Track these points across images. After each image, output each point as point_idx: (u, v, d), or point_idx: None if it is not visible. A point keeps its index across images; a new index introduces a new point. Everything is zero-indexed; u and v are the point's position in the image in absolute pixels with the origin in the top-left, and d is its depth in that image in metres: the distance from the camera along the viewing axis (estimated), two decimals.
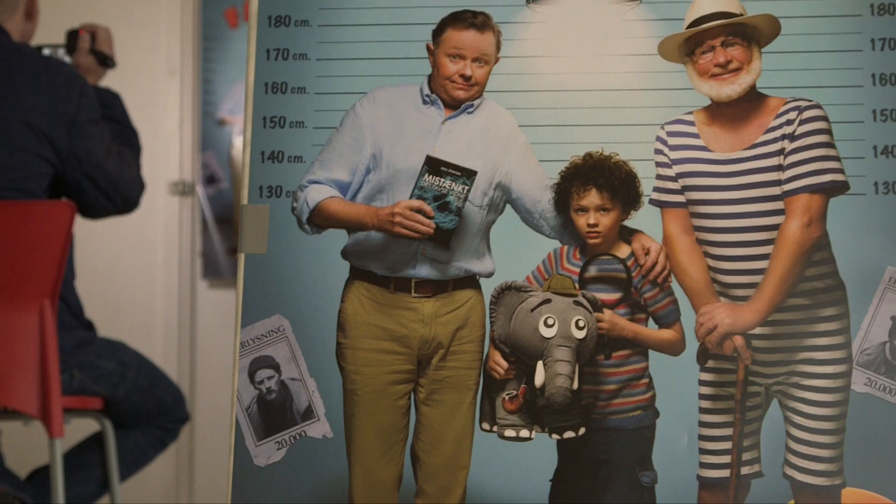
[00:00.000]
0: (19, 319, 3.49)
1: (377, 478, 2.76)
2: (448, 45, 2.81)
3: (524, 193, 2.79)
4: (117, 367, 3.89)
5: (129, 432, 4.07)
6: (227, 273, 5.83)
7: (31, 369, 3.49)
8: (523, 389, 2.74)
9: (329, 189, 2.81)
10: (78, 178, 3.66)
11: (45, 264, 3.50)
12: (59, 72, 3.71)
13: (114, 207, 3.83)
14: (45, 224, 3.52)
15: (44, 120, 3.60)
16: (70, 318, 3.83)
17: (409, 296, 2.79)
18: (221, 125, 5.89)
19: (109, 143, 3.74)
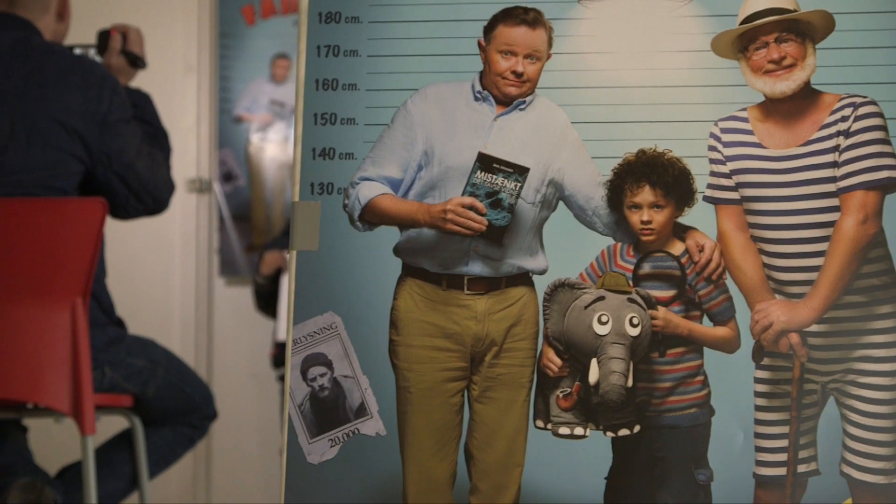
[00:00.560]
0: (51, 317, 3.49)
1: (431, 476, 2.75)
2: (499, 41, 2.81)
3: (577, 190, 2.78)
4: (147, 365, 3.89)
5: (158, 430, 4.07)
6: (244, 270, 5.83)
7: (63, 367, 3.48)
8: (577, 387, 2.73)
9: (381, 186, 2.81)
10: (108, 177, 3.65)
11: (78, 262, 3.49)
12: (91, 71, 3.70)
13: (143, 208, 3.83)
14: (78, 221, 3.51)
15: (76, 118, 3.59)
16: (101, 315, 3.82)
17: (461, 293, 2.78)
18: (238, 122, 5.88)
19: (140, 144, 3.74)
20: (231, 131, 5.74)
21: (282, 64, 5.74)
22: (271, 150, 5.73)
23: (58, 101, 3.56)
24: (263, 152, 5.72)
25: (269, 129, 5.74)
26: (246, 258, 5.69)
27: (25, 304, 3.41)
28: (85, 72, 3.67)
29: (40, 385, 3.45)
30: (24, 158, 3.54)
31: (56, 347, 3.44)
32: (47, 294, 3.43)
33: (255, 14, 5.80)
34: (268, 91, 5.78)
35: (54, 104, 3.55)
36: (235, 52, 5.82)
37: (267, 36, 5.80)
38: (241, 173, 5.71)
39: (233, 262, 5.71)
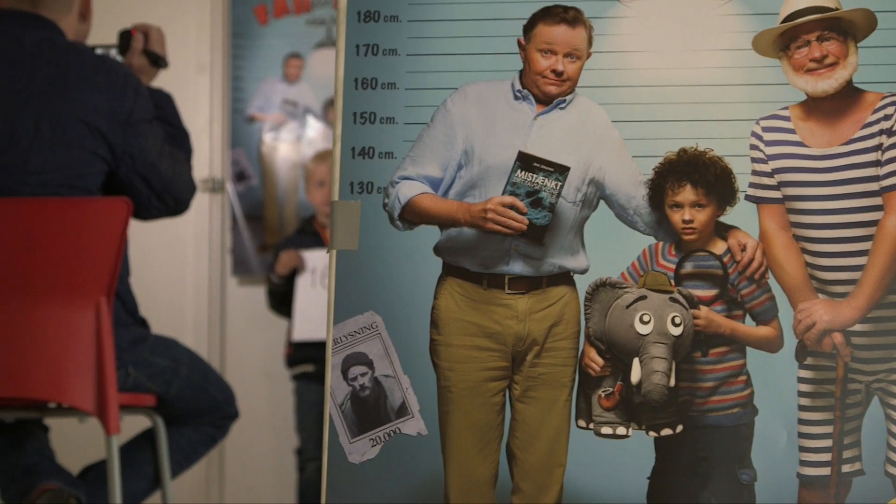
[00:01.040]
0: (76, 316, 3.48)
1: (473, 475, 2.75)
2: (539, 40, 2.80)
3: (618, 189, 2.77)
4: (170, 364, 3.88)
5: (181, 429, 4.06)
6: (257, 270, 5.82)
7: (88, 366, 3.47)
8: (619, 386, 2.73)
9: (420, 185, 2.80)
10: (131, 177, 3.64)
11: (102, 261, 3.48)
12: (114, 70, 3.69)
13: (165, 208, 3.82)
14: (102, 221, 3.50)
15: (100, 118, 3.58)
16: (125, 315, 3.81)
17: (502, 292, 2.77)
18: (251, 122, 5.87)
19: (162, 144, 3.73)
20: (244, 131, 5.73)
21: (294, 63, 5.73)
22: (284, 149, 5.72)
23: (82, 101, 3.54)
24: (276, 152, 5.71)
25: (282, 129, 5.73)
26: (259, 258, 5.68)
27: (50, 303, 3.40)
28: (109, 72, 3.66)
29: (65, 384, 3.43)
30: (49, 158, 3.53)
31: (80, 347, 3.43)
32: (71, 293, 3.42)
33: (267, 14, 5.79)
34: (280, 91, 5.77)
35: (78, 104, 3.54)
36: (248, 52, 5.81)
37: (280, 35, 5.80)
38: (253, 173, 5.70)
39: (245, 262, 5.70)
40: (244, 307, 5.87)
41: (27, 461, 3.77)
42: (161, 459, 3.93)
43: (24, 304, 3.44)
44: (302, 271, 4.99)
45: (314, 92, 5.78)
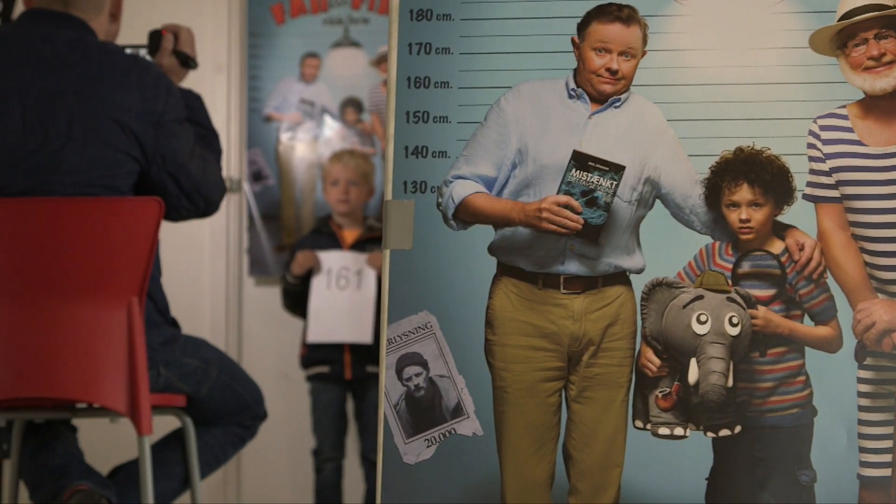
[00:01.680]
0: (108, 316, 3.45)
1: (529, 476, 2.73)
2: (593, 38, 2.79)
3: (674, 188, 2.76)
4: (201, 365, 3.86)
5: (210, 429, 4.04)
6: (274, 270, 5.79)
7: (120, 367, 3.45)
8: (677, 387, 2.72)
9: (474, 184, 2.79)
10: (162, 177, 3.62)
11: (134, 261, 3.46)
12: (146, 70, 3.67)
13: (195, 209, 3.80)
14: (134, 221, 3.48)
15: (132, 118, 3.56)
16: (157, 315, 3.79)
17: (557, 292, 2.76)
18: (268, 121, 5.85)
19: (193, 145, 3.71)
20: (261, 131, 5.71)
21: (311, 63, 5.71)
22: (301, 149, 5.70)
23: (114, 101, 3.52)
24: (293, 152, 5.69)
25: (299, 129, 5.71)
26: (275, 258, 5.66)
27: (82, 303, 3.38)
28: (141, 72, 3.64)
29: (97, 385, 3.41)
30: (82, 158, 3.51)
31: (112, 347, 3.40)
32: (103, 293, 3.40)
33: (284, 13, 5.77)
34: (297, 90, 5.75)
35: (111, 104, 3.52)
36: (265, 52, 5.79)
37: (296, 35, 5.78)
38: (270, 173, 5.67)
39: (262, 262, 5.67)
40: (261, 307, 5.85)
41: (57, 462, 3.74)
42: (190, 460, 3.91)
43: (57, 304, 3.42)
44: (317, 272, 4.96)
45: (331, 92, 5.76)
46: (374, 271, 4.98)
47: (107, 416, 3.63)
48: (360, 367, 5.00)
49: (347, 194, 5.11)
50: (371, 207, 5.36)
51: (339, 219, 5.18)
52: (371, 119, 5.73)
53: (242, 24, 5.88)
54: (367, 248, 5.06)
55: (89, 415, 3.65)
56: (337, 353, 5.03)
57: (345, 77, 5.81)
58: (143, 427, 3.48)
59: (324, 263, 5.06)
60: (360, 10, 5.86)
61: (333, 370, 5.05)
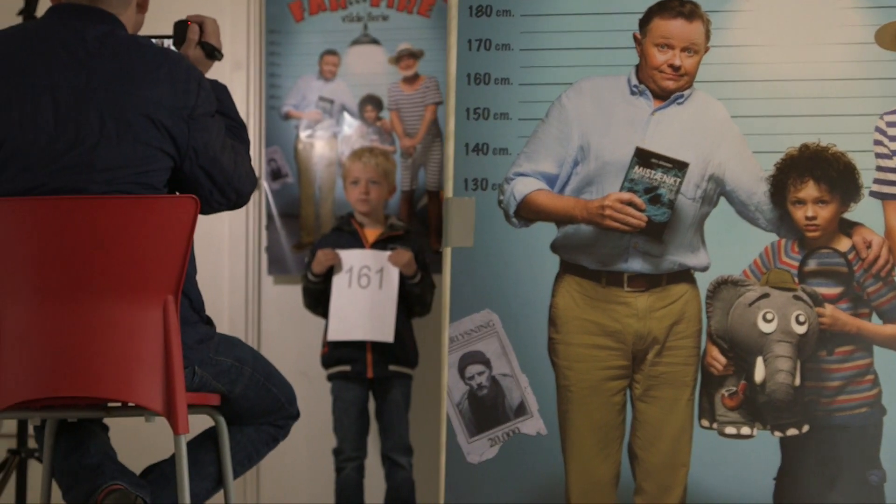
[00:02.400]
0: (143, 315, 3.41)
1: (594, 475, 2.71)
2: (656, 34, 2.76)
3: (738, 185, 2.74)
4: (235, 364, 3.82)
5: (243, 429, 4.00)
6: (293, 269, 5.74)
7: (156, 366, 3.40)
8: (743, 386, 2.69)
9: (536, 181, 2.76)
10: (195, 172, 3.57)
11: (169, 259, 3.41)
12: (177, 64, 3.62)
13: (227, 202, 3.74)
14: (170, 218, 3.43)
15: (165, 113, 3.51)
16: (192, 313, 3.74)
17: (621, 290, 2.73)
18: (287, 119, 5.80)
19: (224, 138, 3.67)
20: (279, 128, 5.65)
21: (330, 61, 5.66)
22: (320, 147, 5.65)
23: (146, 96, 3.47)
24: (312, 149, 5.64)
25: (318, 127, 5.66)
26: (294, 256, 5.61)
27: (117, 302, 3.32)
28: (172, 66, 3.58)
29: (133, 384, 3.36)
30: (116, 154, 3.45)
31: (148, 346, 3.35)
32: (139, 292, 3.35)
33: (303, 10, 5.71)
34: (316, 88, 5.70)
35: (143, 99, 3.46)
36: (283, 49, 5.73)
37: (315, 32, 5.72)
38: (289, 171, 5.62)
39: (281, 261, 5.62)
40: (279, 306, 5.79)
41: (90, 461, 3.70)
42: (224, 459, 3.86)
43: (92, 302, 3.37)
44: (338, 270, 4.92)
45: (350, 89, 5.71)
46: (395, 270, 4.94)
47: (141, 415, 3.59)
48: (381, 365, 4.95)
49: (368, 193, 5.06)
50: (391, 206, 5.32)
51: (360, 217, 5.13)
52: (390, 117, 5.69)
53: (261, 22, 5.82)
54: (388, 247, 5.02)
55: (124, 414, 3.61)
56: (359, 351, 4.98)
57: (364, 74, 5.75)
58: (180, 426, 3.43)
59: (345, 262, 5.00)
60: (380, 7, 5.81)
61: (355, 369, 5.00)
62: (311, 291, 5.11)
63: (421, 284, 4.91)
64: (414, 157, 5.56)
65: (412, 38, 5.65)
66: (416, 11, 5.68)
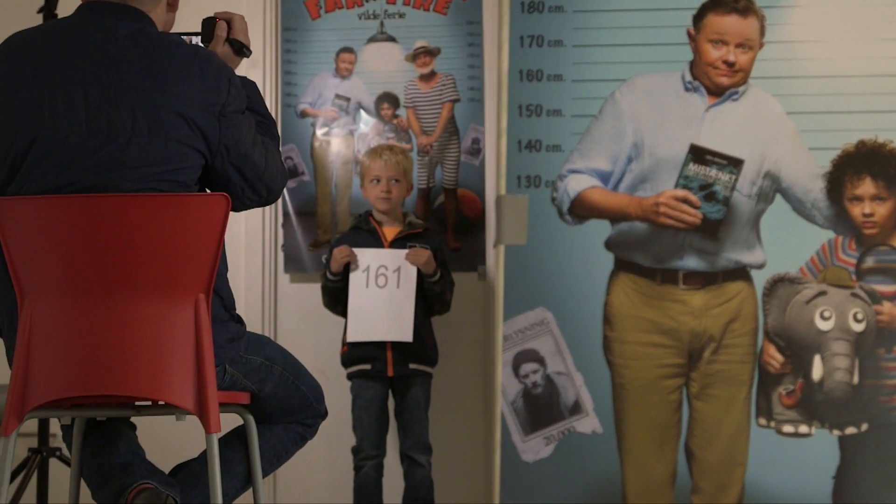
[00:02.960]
0: (175, 313, 3.38)
1: (651, 474, 2.68)
2: (710, 30, 2.74)
3: (794, 182, 2.72)
4: (265, 362, 3.79)
5: (271, 428, 3.97)
6: (310, 267, 5.71)
7: (187, 364, 3.37)
8: (801, 384, 2.67)
9: (590, 178, 2.73)
10: (227, 169, 3.54)
11: (201, 257, 3.38)
12: (208, 61, 3.59)
13: (258, 199, 3.72)
14: (202, 216, 3.40)
15: (196, 110, 3.48)
16: (223, 311, 3.72)
17: (676, 288, 2.71)
18: (303, 117, 5.77)
19: (255, 134, 3.64)
20: (295, 126, 5.61)
21: (346, 58, 5.63)
22: (336, 145, 5.62)
23: (177, 93, 3.44)
24: (329, 147, 5.61)
25: (334, 125, 5.63)
26: (311, 255, 5.58)
27: (149, 300, 3.30)
28: (203, 63, 3.55)
29: (164, 382, 3.33)
30: (147, 152, 3.43)
31: (180, 344, 3.32)
32: (171, 290, 3.32)
33: (319, 8, 5.68)
34: (332, 85, 5.66)
35: (174, 96, 3.44)
36: (299, 47, 5.69)
37: (331, 30, 5.68)
38: (305, 169, 5.59)
39: (297, 259, 5.58)
40: (296, 304, 5.76)
41: (120, 460, 3.67)
42: (253, 458, 3.84)
43: (124, 301, 3.34)
44: (355, 266, 4.89)
45: (367, 87, 5.68)
46: (413, 268, 4.91)
47: (172, 413, 3.56)
48: (402, 364, 4.92)
49: (389, 191, 5.03)
50: (407, 203, 5.29)
51: (379, 216, 5.10)
52: (407, 114, 5.66)
53: (277, 19, 5.79)
54: (407, 245, 4.99)
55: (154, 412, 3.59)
56: (379, 350, 4.94)
57: (380, 72, 5.72)
58: (212, 425, 3.40)
59: (361, 262, 4.97)
60: (396, 4, 5.78)
61: (375, 367, 4.97)
62: (329, 290, 5.08)
63: (441, 282, 4.88)
64: (430, 154, 5.54)
65: (429, 36, 5.62)
66: (433, 9, 5.65)
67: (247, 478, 3.79)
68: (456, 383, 5.30)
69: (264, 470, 3.80)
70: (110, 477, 3.51)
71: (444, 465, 5.17)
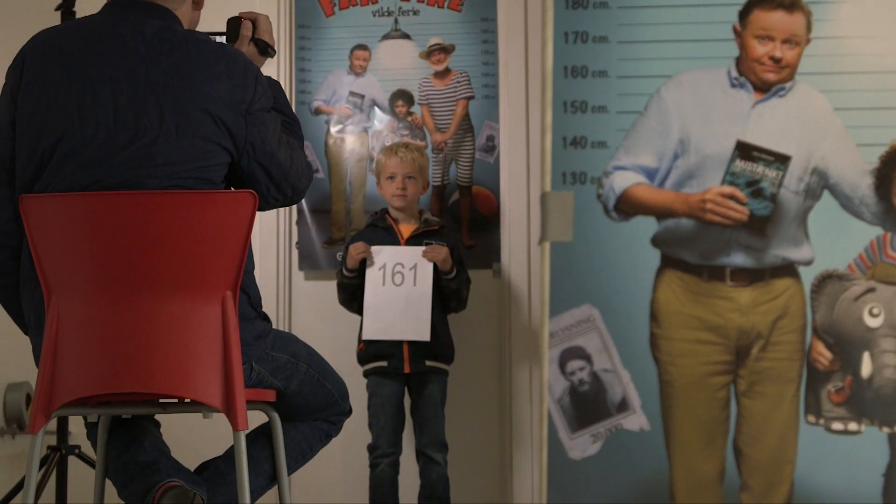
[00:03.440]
0: (202, 311, 3.37)
1: (699, 472, 2.67)
2: (756, 26, 2.73)
3: (842, 179, 2.71)
4: (291, 360, 3.79)
5: (296, 425, 3.97)
6: (324, 264, 5.70)
7: (215, 362, 3.37)
8: (850, 381, 2.66)
9: (635, 175, 2.72)
10: (252, 167, 3.54)
11: (228, 255, 3.38)
12: (235, 59, 3.59)
13: (283, 198, 3.72)
14: (229, 213, 3.39)
15: (223, 108, 3.48)
16: (250, 309, 3.71)
17: (723, 284, 2.70)
18: (317, 115, 5.76)
19: (280, 133, 3.64)
20: (310, 124, 5.61)
21: (360, 55, 5.62)
22: (351, 142, 5.61)
23: (204, 91, 3.44)
24: (343, 145, 5.60)
25: (349, 122, 5.62)
26: (325, 252, 5.57)
27: (176, 298, 3.29)
28: (229, 61, 3.55)
29: (192, 380, 3.33)
30: (175, 149, 3.43)
31: (207, 342, 3.32)
32: (198, 288, 3.31)
33: (333, 5, 5.67)
34: (346, 83, 5.66)
35: (201, 94, 3.44)
36: (313, 44, 5.69)
37: (345, 27, 5.69)
38: (320, 166, 5.58)
39: (312, 256, 5.58)
40: (311, 302, 5.76)
41: (145, 458, 3.66)
42: (278, 456, 3.84)
43: (151, 298, 3.34)
44: (371, 263, 4.88)
45: (381, 84, 5.68)
46: (429, 266, 4.90)
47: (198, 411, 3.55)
48: (418, 361, 4.92)
49: (405, 189, 5.03)
50: (421, 201, 5.28)
51: (395, 213, 5.10)
52: (421, 111, 5.65)
53: (291, 17, 5.79)
54: (423, 242, 4.98)
55: (181, 410, 3.57)
56: (395, 347, 4.95)
57: (395, 69, 5.72)
58: (240, 422, 3.40)
59: (377, 260, 4.97)
60: (410, 1, 5.78)
61: (392, 364, 4.97)
62: (345, 287, 5.07)
63: (457, 279, 4.87)
64: (445, 152, 5.52)
65: (443, 33, 5.61)
66: (447, 6, 5.65)
67: (272, 475, 3.78)
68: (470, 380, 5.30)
69: (289, 467, 3.79)
70: (136, 475, 3.50)
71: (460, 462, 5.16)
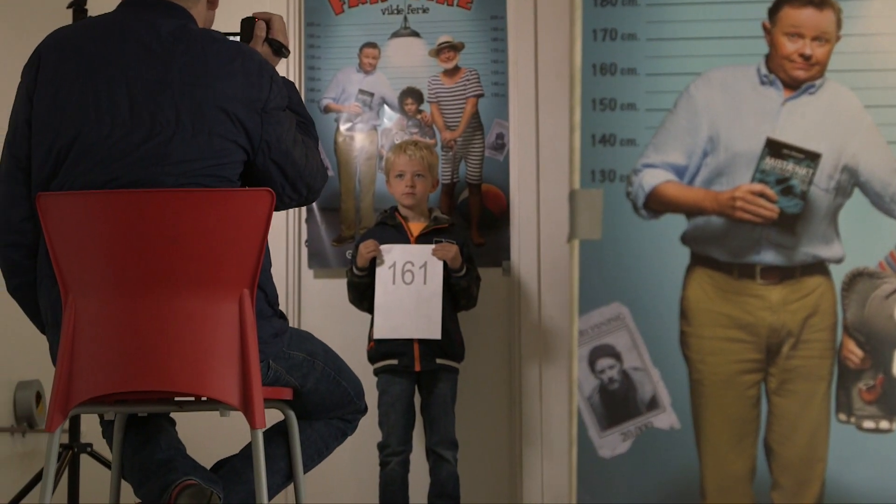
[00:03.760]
0: (219, 309, 3.37)
1: (729, 471, 2.67)
2: (785, 23, 2.72)
3: (873, 176, 2.70)
4: (307, 358, 3.79)
5: (312, 423, 3.97)
6: (334, 263, 5.70)
7: (232, 360, 3.36)
8: (881, 379, 2.66)
9: (665, 173, 2.72)
10: (268, 166, 3.54)
11: (246, 253, 3.38)
12: (250, 58, 3.60)
13: (298, 197, 3.72)
14: (246, 211, 3.39)
15: (238, 106, 3.48)
16: (267, 307, 3.71)
17: (754, 282, 2.70)
18: (326, 112, 5.75)
19: (295, 132, 3.64)
20: (319, 122, 5.60)
21: (370, 53, 5.61)
22: (360, 140, 5.60)
23: (220, 90, 3.44)
24: (352, 143, 5.59)
25: (358, 120, 5.61)
26: (334, 250, 5.56)
27: (193, 295, 3.29)
28: (245, 59, 3.56)
29: (209, 378, 3.32)
30: (191, 147, 3.42)
31: (224, 340, 3.31)
32: (215, 285, 3.31)
33: (342, 3, 5.66)
34: (356, 81, 5.66)
35: (217, 92, 3.44)
36: (323, 42, 5.68)
37: (355, 25, 5.68)
38: (329, 164, 5.57)
39: (322, 255, 5.57)
40: (320, 300, 5.75)
41: (161, 456, 3.66)
42: (294, 454, 3.84)
43: (168, 296, 3.33)
44: (380, 261, 4.87)
45: (390, 82, 5.67)
46: (439, 264, 4.90)
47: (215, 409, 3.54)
48: (429, 359, 4.91)
49: (414, 186, 5.02)
50: (431, 199, 5.28)
51: (405, 211, 5.09)
52: (431, 109, 5.64)
53: (300, 15, 5.78)
54: (433, 240, 4.98)
55: (198, 408, 3.57)
56: (406, 345, 4.94)
57: (404, 67, 5.72)
58: (257, 420, 3.40)
59: (387, 258, 4.96)
60: None
61: (402, 362, 4.96)
62: (355, 286, 5.07)
63: (467, 277, 4.87)
64: (454, 150, 5.51)
65: (452, 31, 5.60)
66: (457, 4, 5.64)
67: (288, 474, 3.78)
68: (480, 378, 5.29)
69: (305, 465, 3.79)
70: (153, 473, 3.49)
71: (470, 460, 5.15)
